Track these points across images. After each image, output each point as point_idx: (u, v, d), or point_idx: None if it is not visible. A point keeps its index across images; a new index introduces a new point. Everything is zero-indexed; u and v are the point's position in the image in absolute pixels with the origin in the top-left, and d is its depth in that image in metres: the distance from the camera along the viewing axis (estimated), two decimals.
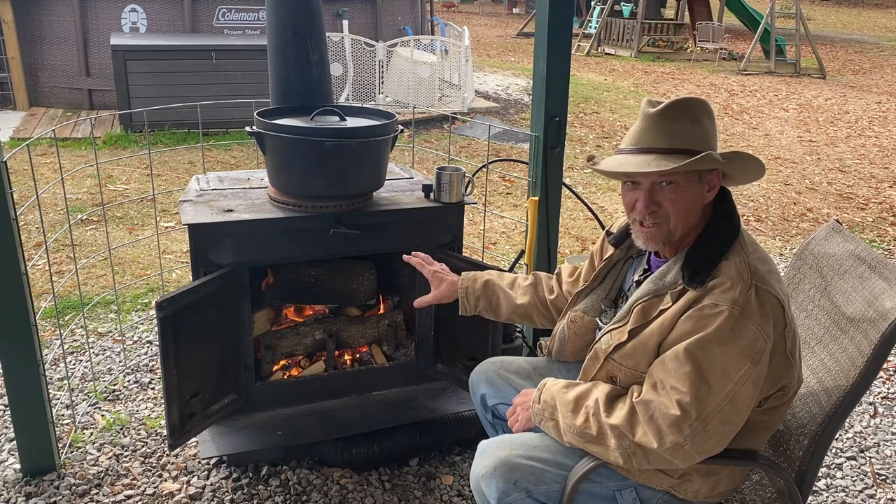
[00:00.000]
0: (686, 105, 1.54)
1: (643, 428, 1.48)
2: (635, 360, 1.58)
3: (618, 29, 15.92)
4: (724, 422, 1.46)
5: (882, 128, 9.23)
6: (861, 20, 26.73)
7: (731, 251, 1.54)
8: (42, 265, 4.04)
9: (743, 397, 1.47)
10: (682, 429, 1.45)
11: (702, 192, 1.57)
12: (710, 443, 1.47)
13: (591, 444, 1.56)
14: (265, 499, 2.37)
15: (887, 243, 5.17)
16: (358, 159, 2.30)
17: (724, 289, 1.48)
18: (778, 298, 1.50)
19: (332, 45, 8.11)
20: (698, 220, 1.59)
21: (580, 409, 1.57)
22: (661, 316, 1.55)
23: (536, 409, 1.67)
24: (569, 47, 2.67)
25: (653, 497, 1.66)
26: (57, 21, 8.00)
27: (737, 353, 1.45)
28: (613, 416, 1.52)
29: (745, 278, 1.49)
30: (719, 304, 1.47)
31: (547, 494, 1.64)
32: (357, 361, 2.72)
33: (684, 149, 1.52)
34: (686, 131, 1.53)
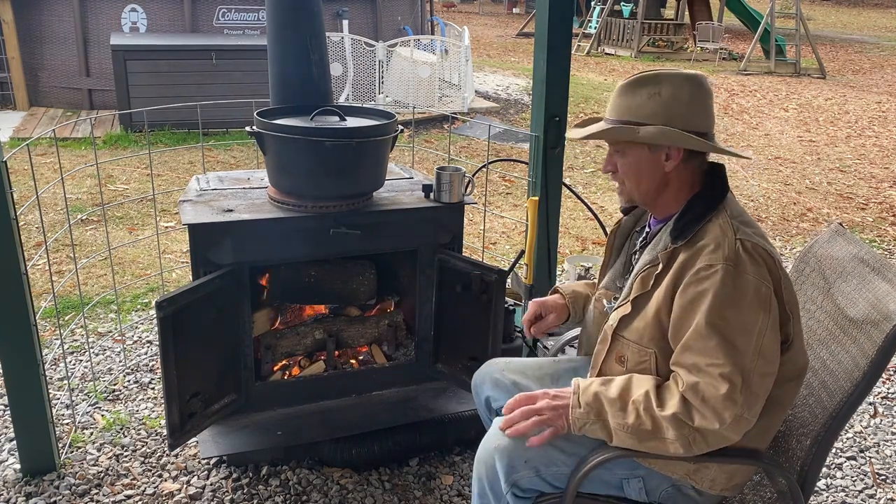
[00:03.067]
0: (651, 79, 1.58)
1: (699, 412, 1.48)
2: (640, 335, 1.59)
3: (618, 29, 15.92)
4: (763, 375, 1.49)
5: (882, 128, 9.23)
6: (861, 20, 26.73)
7: (716, 214, 1.58)
8: (42, 265, 4.04)
9: (769, 346, 1.50)
10: (735, 399, 1.46)
11: (654, 160, 1.61)
12: (759, 402, 1.50)
13: (647, 441, 1.53)
14: (265, 499, 2.37)
15: (887, 243, 5.17)
16: (358, 159, 2.30)
17: (712, 249, 1.51)
18: (766, 250, 1.53)
19: (332, 45, 8.11)
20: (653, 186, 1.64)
21: (627, 405, 1.53)
22: (658, 284, 1.58)
23: (579, 413, 1.56)
24: (569, 47, 2.67)
25: (658, 488, 1.67)
26: (57, 21, 8.00)
27: (747, 307, 1.48)
28: (667, 407, 1.50)
29: (729, 235, 1.52)
30: (713, 264, 1.49)
31: (555, 476, 1.64)
32: (357, 361, 2.72)
33: (631, 121, 1.59)
34: (640, 105, 1.58)
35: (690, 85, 1.58)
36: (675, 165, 1.61)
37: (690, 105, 1.58)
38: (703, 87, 1.60)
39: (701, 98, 1.59)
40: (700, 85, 1.60)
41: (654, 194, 1.66)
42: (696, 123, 1.58)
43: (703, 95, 1.60)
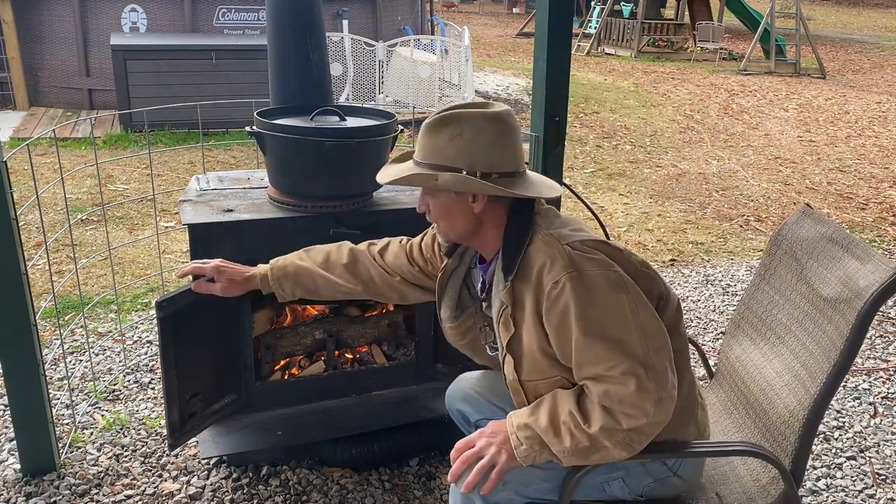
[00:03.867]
0: (452, 119, 1.55)
1: (623, 414, 1.49)
2: (539, 372, 1.60)
3: (618, 29, 15.92)
4: (657, 350, 1.50)
5: (882, 128, 9.23)
6: (861, 20, 26.73)
7: (533, 235, 1.58)
8: (42, 265, 4.04)
9: (647, 321, 1.51)
10: (647, 388, 1.47)
11: (462, 203, 1.60)
12: (668, 374, 1.50)
13: (592, 455, 1.54)
14: (265, 499, 2.37)
15: (887, 243, 5.17)
16: (358, 159, 2.30)
17: (549, 267, 1.51)
18: (592, 238, 1.55)
19: (332, 45, 8.11)
20: (466, 227, 1.64)
21: (560, 430, 1.53)
22: (519, 322, 1.59)
23: (523, 451, 1.55)
24: (569, 47, 2.67)
25: (640, 484, 1.68)
26: (57, 21, 8.00)
27: (606, 299, 1.48)
28: (592, 422, 1.51)
29: (554, 246, 1.53)
30: (558, 279, 1.49)
31: (535, 492, 1.65)
32: (357, 361, 2.72)
33: (432, 163, 1.57)
34: (442, 147, 1.56)
35: (493, 125, 1.55)
36: (482, 207, 1.60)
37: (493, 146, 1.55)
38: (508, 124, 1.57)
39: (505, 137, 1.57)
40: (504, 123, 1.57)
41: (469, 235, 1.66)
42: (500, 164, 1.56)
43: (507, 134, 1.57)
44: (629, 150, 7.67)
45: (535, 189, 1.61)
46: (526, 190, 1.59)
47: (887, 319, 3.90)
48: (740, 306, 2.09)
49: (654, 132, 8.53)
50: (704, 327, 3.77)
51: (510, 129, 1.58)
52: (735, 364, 2.02)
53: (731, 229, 5.34)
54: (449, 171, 1.55)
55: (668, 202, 5.93)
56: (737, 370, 2.00)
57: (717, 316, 3.90)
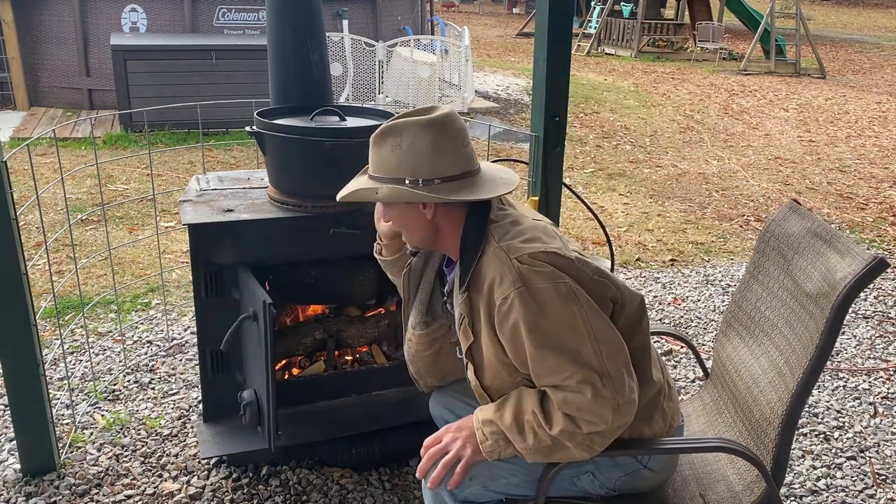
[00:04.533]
0: (392, 130, 1.57)
1: (583, 420, 1.50)
2: (500, 378, 1.61)
3: (618, 29, 15.92)
4: (612, 357, 1.51)
5: (882, 128, 9.23)
6: (861, 20, 26.73)
7: (486, 245, 1.58)
8: (42, 265, 4.04)
9: (600, 329, 1.51)
10: (604, 396, 1.48)
11: (415, 211, 1.61)
12: (625, 379, 1.51)
13: (553, 454, 1.56)
14: (265, 499, 2.37)
15: (887, 243, 5.17)
16: (358, 159, 2.29)
17: (499, 282, 1.52)
18: (540, 251, 1.53)
19: (332, 45, 8.11)
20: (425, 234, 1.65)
21: (524, 427, 1.55)
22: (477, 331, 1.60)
23: (489, 445, 1.58)
24: (569, 47, 2.67)
25: (611, 478, 1.70)
26: (57, 21, 8.00)
27: (556, 311, 1.49)
28: (553, 424, 1.52)
29: (504, 261, 1.53)
30: (506, 295, 1.50)
31: (505, 486, 1.67)
32: (357, 361, 2.72)
33: (378, 175, 1.59)
34: (386, 159, 1.58)
35: (430, 132, 1.55)
36: (433, 213, 1.61)
37: (432, 152, 1.55)
38: (447, 129, 1.56)
39: (445, 142, 1.56)
40: (442, 127, 1.56)
41: (430, 241, 1.67)
42: (441, 170, 1.56)
43: (446, 138, 1.56)
44: (629, 150, 7.68)
45: (484, 189, 1.60)
46: (473, 192, 1.58)
47: (887, 319, 3.90)
48: (731, 304, 2.09)
49: (654, 132, 8.53)
50: (704, 327, 3.77)
51: (450, 133, 1.57)
52: (726, 362, 2.03)
53: (731, 229, 5.34)
54: (392, 182, 1.56)
55: (668, 202, 5.93)
56: (727, 368, 2.01)
57: (717, 316, 3.90)
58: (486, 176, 1.64)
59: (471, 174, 1.61)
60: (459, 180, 1.58)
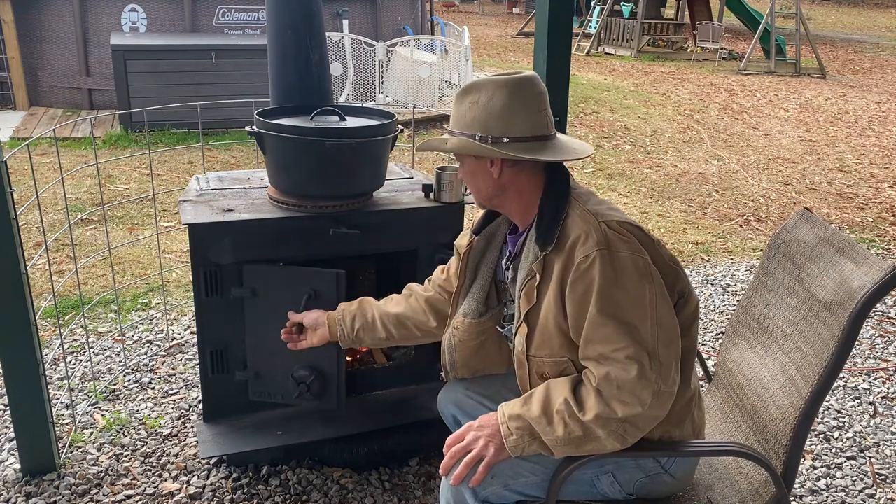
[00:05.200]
0: (473, 87, 1.62)
1: (618, 401, 1.48)
2: (549, 348, 1.60)
3: (618, 29, 15.92)
4: (667, 344, 1.51)
5: (882, 128, 9.23)
6: (861, 20, 26.73)
7: (569, 207, 1.60)
8: (42, 265, 4.04)
9: (664, 315, 1.52)
10: (648, 377, 1.47)
11: (482, 168, 1.65)
12: (672, 369, 1.51)
13: (584, 445, 1.54)
14: (265, 499, 2.37)
15: (887, 243, 5.17)
16: (358, 159, 2.30)
17: (583, 241, 1.53)
18: (629, 222, 1.56)
19: (332, 44, 8.11)
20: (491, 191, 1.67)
21: (553, 418, 1.53)
22: (542, 294, 1.59)
23: (513, 440, 1.56)
24: (569, 47, 2.67)
25: (630, 479, 1.68)
26: (57, 21, 8.00)
27: (631, 283, 1.50)
28: (587, 410, 1.51)
29: (591, 222, 1.55)
30: (588, 254, 1.51)
31: (525, 486, 1.65)
32: (357, 361, 2.72)
33: (455, 130, 1.65)
34: (464, 114, 1.63)
35: (505, 91, 1.58)
36: (499, 171, 1.63)
37: (504, 111, 1.58)
38: (524, 90, 1.59)
39: (519, 103, 1.59)
40: (519, 88, 1.59)
41: (495, 200, 1.70)
42: (512, 129, 1.59)
43: (521, 100, 1.59)
44: (629, 149, 7.68)
45: (553, 153, 1.62)
46: (547, 154, 1.61)
47: (887, 319, 3.90)
48: (738, 309, 2.09)
49: (654, 132, 8.53)
50: (704, 327, 3.77)
51: (525, 95, 1.59)
52: (732, 367, 2.02)
53: (731, 229, 5.34)
54: (463, 136, 1.61)
55: (668, 202, 5.93)
56: (733, 373, 2.00)
57: (716, 316, 3.90)
58: (559, 143, 1.66)
59: (543, 138, 1.62)
60: (529, 142, 1.60)
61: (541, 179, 1.65)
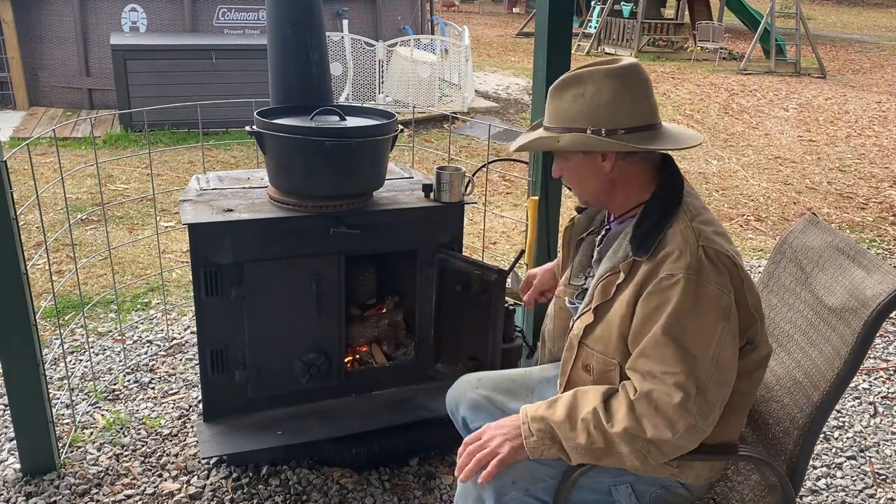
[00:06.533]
0: (574, 80, 1.54)
1: (651, 422, 1.45)
2: (604, 344, 1.57)
3: (618, 28, 15.91)
4: (719, 385, 1.47)
5: (882, 127, 9.23)
6: (861, 20, 26.73)
7: (675, 218, 1.53)
8: (42, 265, 4.04)
9: (726, 356, 1.48)
10: (689, 409, 1.44)
11: (592, 163, 1.57)
12: (714, 411, 1.48)
13: (604, 458, 1.51)
14: (265, 498, 2.37)
15: (887, 243, 5.17)
16: (358, 159, 2.30)
17: (675, 258, 1.48)
18: (729, 255, 1.50)
19: (332, 44, 8.11)
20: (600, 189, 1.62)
21: (577, 425, 1.50)
22: (619, 293, 1.55)
23: (533, 442, 1.53)
24: (569, 47, 2.67)
25: (647, 491, 1.66)
26: (57, 21, 8.00)
27: (707, 316, 1.46)
28: (616, 422, 1.48)
29: (691, 242, 1.49)
30: (675, 273, 1.46)
31: (544, 490, 1.63)
32: (357, 361, 2.72)
33: (559, 126, 1.56)
34: (566, 109, 1.55)
35: (612, 81, 1.52)
36: (612, 165, 1.57)
37: (614, 102, 1.52)
38: (629, 79, 1.53)
39: (627, 93, 1.53)
40: (627, 77, 1.53)
41: (603, 196, 1.64)
42: (624, 120, 1.52)
43: (628, 89, 1.53)
44: None
45: (667, 141, 1.56)
46: (659, 143, 1.55)
47: (887, 319, 3.90)
48: None
49: None
50: None
51: (634, 83, 1.54)
52: None
53: (731, 229, 5.34)
54: (572, 132, 1.53)
55: None
56: None
57: None
58: (668, 131, 1.59)
59: (653, 127, 1.57)
60: (642, 132, 1.54)
61: (650, 171, 1.60)
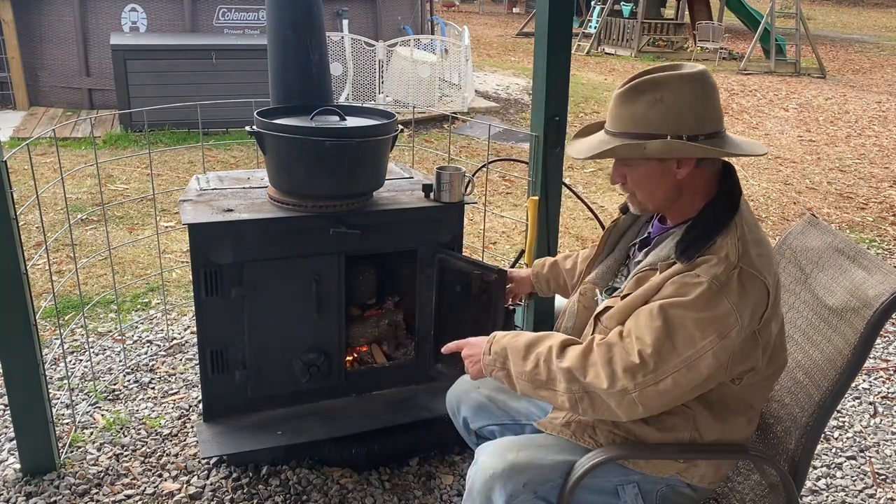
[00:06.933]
0: (649, 85, 1.52)
1: (596, 369, 1.49)
2: (616, 322, 1.58)
3: (618, 28, 15.91)
4: (676, 384, 1.48)
5: (882, 127, 9.23)
6: (861, 20, 26.72)
7: (728, 230, 1.53)
8: (42, 265, 4.04)
9: (700, 366, 1.48)
10: (635, 376, 1.46)
11: (665, 170, 1.56)
12: (658, 400, 1.48)
13: (540, 390, 1.56)
14: (265, 498, 2.37)
15: (887, 243, 5.17)
16: (358, 159, 2.30)
17: (711, 264, 1.49)
18: (764, 283, 1.50)
19: (332, 44, 8.10)
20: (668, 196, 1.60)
21: (530, 355, 1.57)
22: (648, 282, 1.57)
23: (488, 360, 1.64)
24: (569, 47, 2.67)
25: (653, 490, 1.67)
26: (57, 21, 7.99)
27: (706, 322, 1.46)
28: (565, 359, 1.52)
29: (731, 259, 1.49)
30: (701, 275, 1.48)
31: (552, 490, 1.64)
32: (357, 361, 2.72)
33: (633, 132, 1.53)
34: (642, 114, 1.52)
35: (693, 86, 1.51)
36: (687, 172, 1.56)
37: (696, 108, 1.51)
38: (706, 83, 1.53)
39: (706, 97, 1.52)
40: (703, 82, 1.52)
41: (668, 203, 1.62)
42: (705, 126, 1.52)
43: (707, 94, 1.53)
44: None
45: (744, 147, 1.56)
46: (737, 149, 1.54)
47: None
48: None
49: None
50: None
51: (710, 87, 1.53)
52: None
53: None
54: (654, 138, 1.51)
55: None
56: None
57: None
58: (732, 138, 1.59)
59: (722, 133, 1.57)
60: (718, 138, 1.54)
61: (716, 178, 1.60)
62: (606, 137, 1.59)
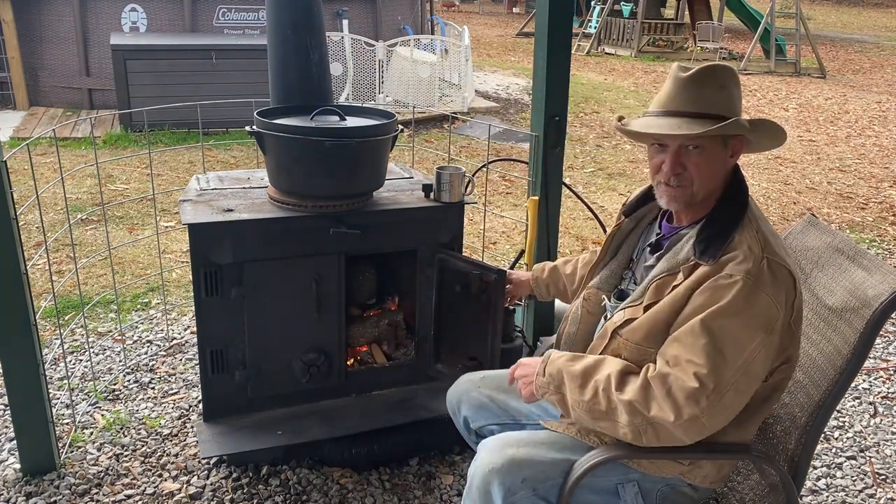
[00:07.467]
0: (714, 72, 1.59)
1: (659, 403, 1.47)
2: (643, 336, 1.57)
3: (618, 28, 15.91)
4: (739, 392, 1.48)
5: (882, 127, 9.23)
6: (861, 20, 26.72)
7: (743, 225, 1.56)
8: (42, 265, 4.04)
9: (756, 367, 1.49)
10: (699, 401, 1.44)
11: (725, 157, 1.61)
12: (724, 415, 1.48)
13: (600, 421, 1.54)
14: (265, 498, 2.37)
15: (887, 243, 5.17)
16: (358, 159, 2.30)
17: (738, 261, 1.50)
18: (790, 270, 1.52)
19: (332, 44, 8.10)
20: (717, 185, 1.63)
21: (588, 383, 1.55)
22: (672, 291, 1.56)
23: (541, 381, 1.62)
24: (569, 47, 2.67)
25: (653, 489, 1.67)
26: (57, 21, 7.99)
27: (751, 323, 1.47)
28: (626, 391, 1.50)
29: (756, 252, 1.51)
30: (733, 274, 1.48)
31: (552, 489, 1.64)
32: (357, 361, 2.72)
33: (711, 114, 1.56)
34: (713, 97, 1.57)
35: (735, 76, 1.62)
36: (736, 159, 1.62)
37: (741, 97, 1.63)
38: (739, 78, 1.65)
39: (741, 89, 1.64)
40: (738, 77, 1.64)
41: (716, 192, 1.63)
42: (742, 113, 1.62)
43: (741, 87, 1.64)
44: (629, 149, 7.67)
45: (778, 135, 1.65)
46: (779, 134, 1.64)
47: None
48: None
49: None
50: None
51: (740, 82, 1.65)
52: None
53: None
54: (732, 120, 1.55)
55: None
56: None
57: None
58: None
59: None
60: None
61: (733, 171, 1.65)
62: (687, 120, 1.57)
